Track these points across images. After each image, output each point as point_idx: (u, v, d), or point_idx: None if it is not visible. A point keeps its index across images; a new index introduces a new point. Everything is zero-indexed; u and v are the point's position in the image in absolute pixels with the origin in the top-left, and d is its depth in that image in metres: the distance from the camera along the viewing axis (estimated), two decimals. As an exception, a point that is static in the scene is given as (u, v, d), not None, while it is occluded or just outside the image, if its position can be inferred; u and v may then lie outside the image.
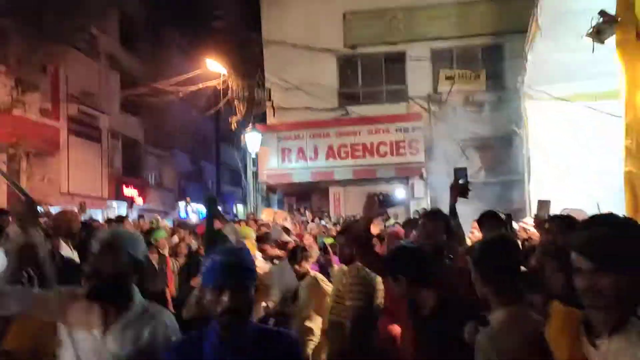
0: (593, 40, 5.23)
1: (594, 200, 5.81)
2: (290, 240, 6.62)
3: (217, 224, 5.09)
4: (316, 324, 4.78)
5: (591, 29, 5.20)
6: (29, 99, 13.31)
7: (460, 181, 3.84)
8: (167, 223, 10.46)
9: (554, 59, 8.39)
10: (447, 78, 15.16)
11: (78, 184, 17.86)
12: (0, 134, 13.06)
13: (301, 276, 4.95)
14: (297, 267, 4.97)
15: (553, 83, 8.89)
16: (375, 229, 6.84)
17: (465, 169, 4.00)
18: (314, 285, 4.85)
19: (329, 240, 6.86)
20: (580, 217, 5.02)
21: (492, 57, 15.16)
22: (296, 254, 5.07)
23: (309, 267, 5.09)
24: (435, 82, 15.38)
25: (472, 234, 5.92)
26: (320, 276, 5.07)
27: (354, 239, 3.54)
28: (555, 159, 8.89)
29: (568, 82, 8.65)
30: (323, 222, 12.03)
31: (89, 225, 6.65)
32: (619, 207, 4.63)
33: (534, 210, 8.64)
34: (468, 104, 14.84)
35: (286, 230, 7.19)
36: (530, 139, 9.84)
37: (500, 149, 13.63)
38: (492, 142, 14.12)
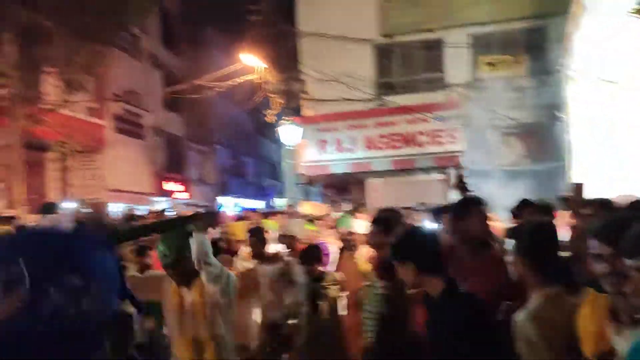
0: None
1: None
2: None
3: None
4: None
5: (637, 6, 4.99)
6: (76, 98, 13.79)
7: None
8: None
9: (598, 39, 8.08)
10: (487, 64, 14.83)
11: (123, 181, 18.44)
12: (49, 133, 13.59)
13: (315, 278, 4.63)
14: (309, 268, 4.66)
15: (596, 65, 8.56)
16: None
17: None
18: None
19: (310, 227, 6.32)
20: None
21: (534, 40, 14.68)
22: (308, 255, 4.76)
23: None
24: (475, 68, 15.06)
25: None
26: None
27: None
28: (598, 144, 8.58)
29: (613, 64, 8.32)
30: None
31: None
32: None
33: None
34: (509, 89, 14.45)
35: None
36: (572, 123, 9.52)
37: (542, 135, 13.26)
38: (534, 128, 13.74)
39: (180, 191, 22.30)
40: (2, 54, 11.69)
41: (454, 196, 13.01)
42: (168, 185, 21.63)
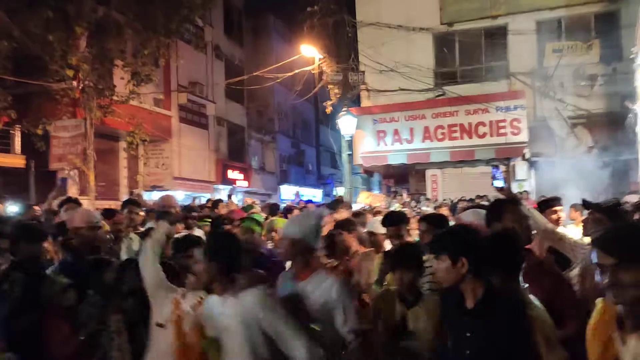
0: None
1: None
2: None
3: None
4: None
5: None
6: (143, 90, 14.38)
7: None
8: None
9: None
10: (555, 51, 14.17)
11: (188, 169, 19.16)
12: (120, 123, 14.30)
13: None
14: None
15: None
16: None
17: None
18: None
19: (280, 222, 5.55)
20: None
21: (607, 25, 13.91)
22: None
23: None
24: (541, 56, 14.45)
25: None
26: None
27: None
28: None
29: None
30: (421, 206, 11.72)
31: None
32: None
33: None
34: (578, 77, 13.79)
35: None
36: (646, 115, 8.98)
37: (614, 126, 12.57)
38: (604, 118, 13.05)
39: (240, 179, 22.88)
40: (75, 48, 12.38)
41: (516, 189, 12.67)
42: (231, 174, 22.25)
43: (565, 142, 13.75)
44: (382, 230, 4.40)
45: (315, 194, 31.42)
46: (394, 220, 4.21)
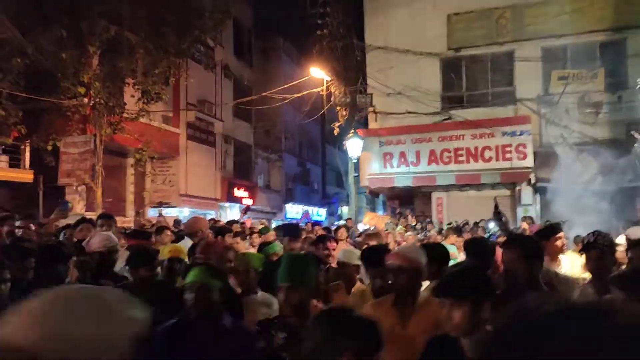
0: None
1: None
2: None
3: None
4: None
5: None
6: (153, 108, 14.56)
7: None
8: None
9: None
10: (560, 78, 14.30)
11: (194, 186, 19.27)
12: (128, 140, 14.47)
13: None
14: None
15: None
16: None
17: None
18: None
19: (275, 249, 5.18)
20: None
21: (612, 54, 14.04)
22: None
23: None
24: (547, 82, 14.59)
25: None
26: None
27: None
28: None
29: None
30: (427, 232, 11.56)
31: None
32: None
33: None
34: (583, 105, 13.89)
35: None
36: (651, 144, 9.03)
37: (619, 153, 12.61)
38: (610, 145, 13.10)
39: (246, 197, 22.98)
40: (88, 66, 12.61)
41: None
42: (237, 192, 22.35)
43: (571, 168, 13.76)
44: (356, 260, 3.98)
45: (320, 213, 31.51)
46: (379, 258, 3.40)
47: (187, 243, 5.20)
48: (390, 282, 3.02)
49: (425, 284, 3.41)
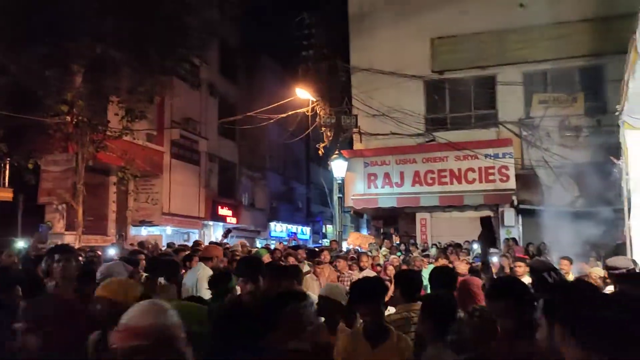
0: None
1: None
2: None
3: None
4: None
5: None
6: (137, 126, 14.45)
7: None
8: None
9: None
10: (541, 102, 14.58)
11: (178, 205, 19.10)
12: (111, 158, 14.33)
13: None
14: None
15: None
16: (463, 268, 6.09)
17: (489, 218, 3.86)
18: None
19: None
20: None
21: (591, 79, 14.38)
22: None
23: None
24: (528, 106, 14.85)
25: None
26: None
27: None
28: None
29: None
30: (408, 255, 11.41)
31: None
32: None
33: (636, 249, 8.09)
34: (563, 128, 14.14)
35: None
36: (630, 170, 9.18)
37: (599, 177, 12.82)
38: (590, 169, 13.31)
39: (230, 216, 22.83)
40: (71, 84, 12.50)
41: (504, 235, 12.76)
42: (221, 211, 22.19)
43: (552, 191, 13.97)
44: (341, 298, 3.74)
45: (304, 231, 31.43)
46: (367, 294, 3.20)
47: (206, 271, 5.34)
48: None
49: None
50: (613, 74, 12.87)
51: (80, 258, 5.81)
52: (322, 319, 3.56)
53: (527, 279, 5.98)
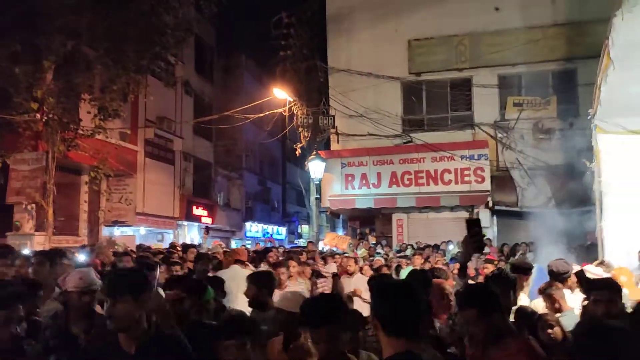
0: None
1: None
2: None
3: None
4: None
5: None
6: (110, 124, 14.14)
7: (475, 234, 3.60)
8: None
9: (627, 92, 8.00)
10: (515, 104, 14.80)
11: (152, 205, 18.79)
12: (83, 157, 13.98)
13: None
14: None
15: (627, 116, 8.46)
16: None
17: (478, 220, 3.80)
18: None
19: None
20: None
21: (564, 82, 14.67)
22: None
23: None
24: (503, 108, 15.06)
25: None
26: None
27: None
28: (630, 197, 8.40)
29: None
30: (380, 255, 11.45)
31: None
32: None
33: (607, 250, 8.25)
34: (537, 131, 14.39)
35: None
36: (602, 173, 9.36)
37: (571, 179, 13.07)
38: (563, 170, 13.57)
39: (205, 216, 22.57)
40: (42, 81, 12.16)
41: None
42: (196, 211, 21.92)
43: (526, 192, 14.20)
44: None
45: (280, 231, 31.31)
46: (319, 316, 2.50)
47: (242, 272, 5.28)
48: None
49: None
50: (585, 77, 13.15)
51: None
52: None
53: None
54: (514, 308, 3.64)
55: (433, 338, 3.23)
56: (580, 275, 4.69)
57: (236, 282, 5.11)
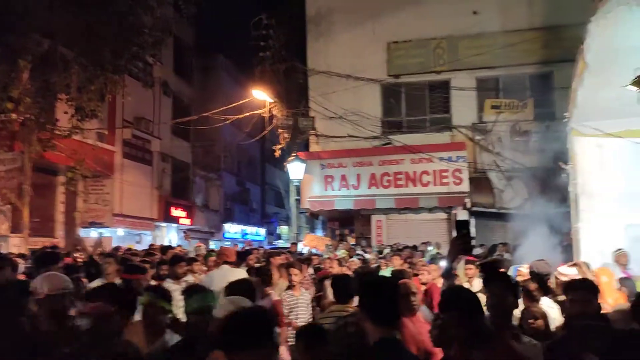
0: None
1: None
2: None
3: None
4: None
5: (636, 79, 5.11)
6: (87, 125, 13.94)
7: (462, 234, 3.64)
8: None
9: (603, 96, 8.20)
10: (493, 107, 15.03)
11: (129, 206, 18.57)
12: (60, 158, 13.77)
13: None
14: None
15: (602, 119, 8.67)
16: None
17: (467, 222, 3.89)
18: None
19: None
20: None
21: (541, 85, 14.92)
22: None
23: None
24: (480, 111, 15.28)
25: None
26: None
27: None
28: (605, 199, 8.61)
29: (618, 119, 8.43)
30: (358, 255, 11.44)
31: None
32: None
33: (582, 251, 8.44)
34: (514, 133, 14.63)
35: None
36: (578, 175, 9.58)
37: (548, 181, 13.32)
38: (539, 172, 13.82)
39: (183, 217, 22.38)
40: (18, 81, 11.94)
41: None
42: (174, 212, 21.73)
43: (503, 194, 14.43)
44: None
45: (259, 232, 31.20)
46: (245, 336, 1.93)
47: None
48: None
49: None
50: (561, 81, 13.40)
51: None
52: None
53: (477, 282, 6.13)
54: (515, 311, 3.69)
55: None
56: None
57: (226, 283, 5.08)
